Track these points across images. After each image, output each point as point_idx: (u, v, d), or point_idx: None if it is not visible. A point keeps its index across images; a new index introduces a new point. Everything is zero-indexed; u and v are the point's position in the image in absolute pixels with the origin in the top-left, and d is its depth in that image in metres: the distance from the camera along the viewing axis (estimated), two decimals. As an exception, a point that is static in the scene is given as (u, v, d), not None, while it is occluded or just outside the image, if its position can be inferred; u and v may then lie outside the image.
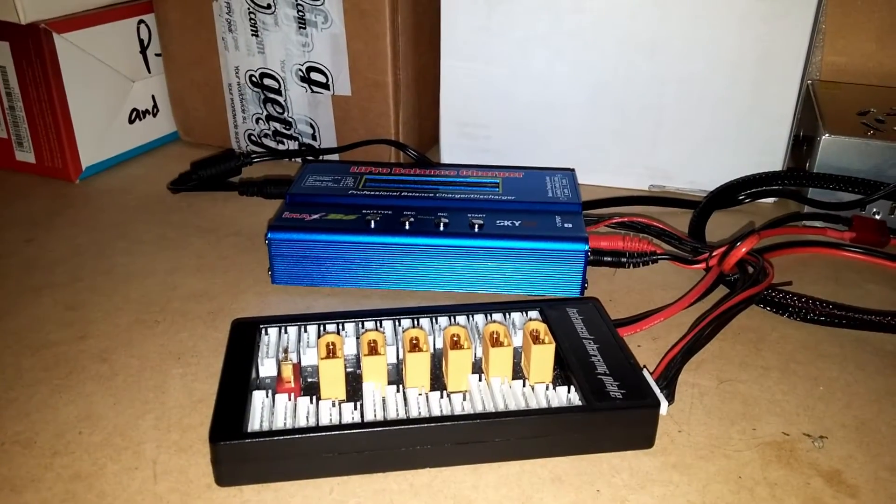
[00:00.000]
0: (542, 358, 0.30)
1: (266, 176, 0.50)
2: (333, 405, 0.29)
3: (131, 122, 0.56)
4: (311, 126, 0.55)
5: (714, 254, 0.40)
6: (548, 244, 0.38)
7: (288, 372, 0.30)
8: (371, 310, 0.35)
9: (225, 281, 0.41)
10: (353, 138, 0.54)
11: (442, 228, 0.39)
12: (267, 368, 0.31)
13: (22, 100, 0.52)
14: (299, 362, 0.32)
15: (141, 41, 0.56)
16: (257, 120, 0.56)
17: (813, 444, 0.30)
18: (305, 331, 0.33)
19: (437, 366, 0.32)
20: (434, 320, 0.34)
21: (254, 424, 0.28)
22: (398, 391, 0.30)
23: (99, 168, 0.55)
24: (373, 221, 0.39)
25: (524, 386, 0.30)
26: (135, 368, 0.34)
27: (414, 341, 0.30)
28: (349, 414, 0.29)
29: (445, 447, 0.28)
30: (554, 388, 0.30)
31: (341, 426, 0.28)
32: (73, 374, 0.33)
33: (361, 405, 0.29)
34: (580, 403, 0.29)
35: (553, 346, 0.31)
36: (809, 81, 0.56)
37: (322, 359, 0.29)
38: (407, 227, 0.39)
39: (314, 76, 0.52)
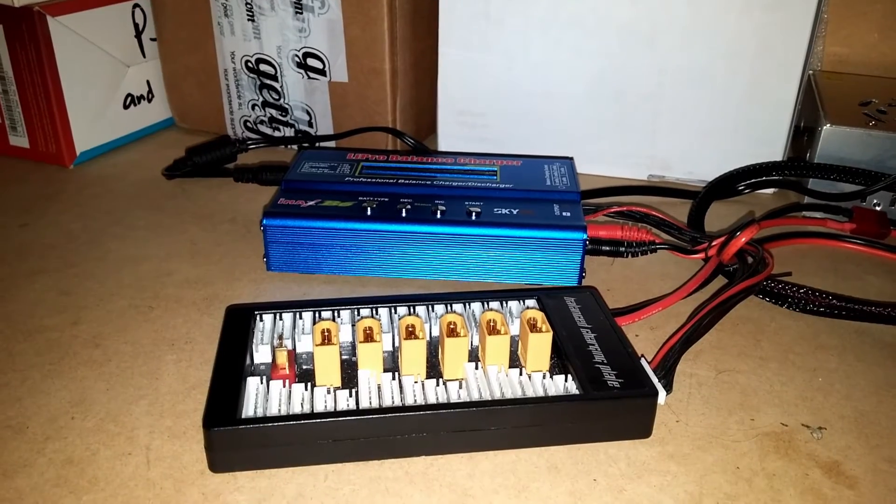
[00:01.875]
0: (540, 346, 0.30)
1: (262, 162, 0.50)
2: (328, 392, 0.29)
3: (126, 107, 0.56)
4: (308, 113, 0.54)
5: (713, 244, 0.40)
6: (546, 233, 0.38)
7: (283, 358, 0.30)
8: (367, 297, 0.35)
9: (220, 267, 0.40)
10: (350, 125, 0.53)
11: (439, 216, 0.38)
12: (261, 355, 0.31)
13: (15, 84, 0.51)
14: (294, 349, 0.31)
15: (136, 25, 0.55)
16: (253, 106, 0.55)
17: (812, 435, 0.30)
18: (300, 317, 0.33)
19: (434, 353, 0.32)
20: (430, 308, 0.34)
21: (248, 411, 0.28)
22: (394, 379, 0.30)
23: (93, 153, 0.54)
24: (369, 208, 0.39)
25: (521, 374, 0.30)
26: (128, 354, 0.33)
27: (410, 329, 0.30)
28: (344, 401, 0.28)
29: (441, 435, 0.28)
30: (551, 377, 0.30)
31: (336, 413, 0.27)
32: (66, 360, 0.33)
33: (357, 392, 0.29)
34: (577, 392, 0.29)
35: (550, 334, 0.30)
36: (811, 72, 0.55)
37: (317, 345, 0.29)
38: (404, 214, 0.38)
39: (311, 62, 0.52)
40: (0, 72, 0.51)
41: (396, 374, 0.30)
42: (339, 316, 0.33)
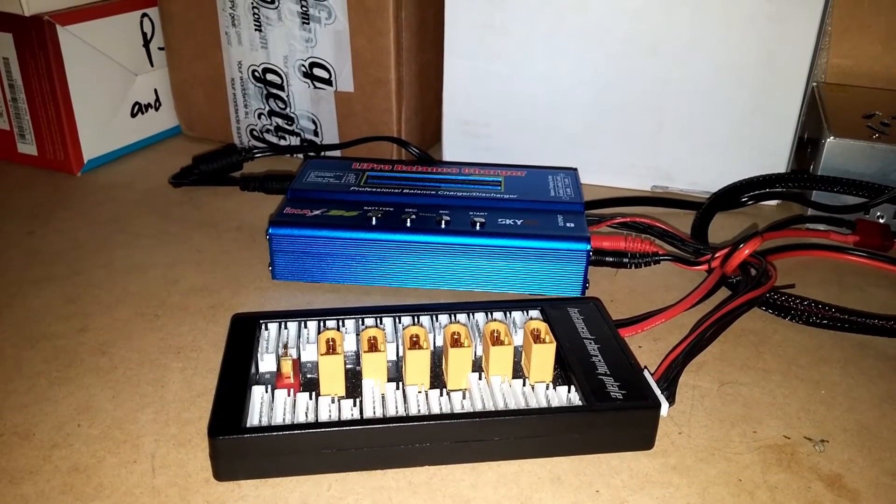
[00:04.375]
0: (543, 357, 0.30)
1: (268, 171, 0.50)
2: (333, 401, 0.29)
3: (133, 115, 0.56)
4: (314, 122, 0.55)
5: (716, 255, 0.40)
6: (550, 243, 0.38)
7: (287, 367, 0.30)
8: (371, 307, 0.35)
9: (225, 276, 0.41)
10: (356, 135, 0.53)
11: (443, 226, 0.39)
12: (266, 364, 0.31)
13: (24, 92, 0.52)
14: (299, 358, 0.32)
15: (144, 34, 0.56)
16: (259, 115, 0.56)
17: (814, 448, 0.30)
18: (305, 327, 0.33)
19: (437, 363, 0.32)
20: (434, 318, 0.34)
21: (253, 420, 0.28)
22: (398, 388, 0.30)
23: (101, 161, 0.55)
24: (374, 218, 0.39)
25: (524, 385, 0.30)
26: (134, 362, 0.34)
27: (414, 338, 0.30)
28: (348, 410, 0.28)
29: (444, 445, 0.28)
30: (554, 388, 0.30)
31: (340, 423, 0.27)
32: (73, 367, 0.33)
33: (361, 402, 0.29)
34: (580, 403, 0.29)
35: (554, 345, 0.30)
36: (815, 84, 0.55)
37: (322, 355, 0.29)
38: (408, 224, 0.39)
39: (317, 72, 0.52)
40: (9, 80, 0.52)
41: (400, 383, 0.30)
42: (343, 325, 0.33)
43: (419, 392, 0.30)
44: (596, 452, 0.29)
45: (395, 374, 0.31)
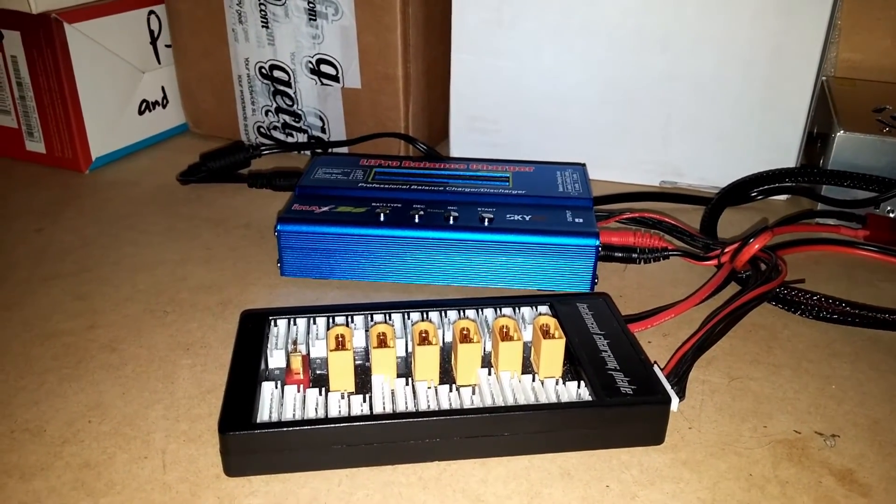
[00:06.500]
0: (552, 352, 0.30)
1: (275, 168, 0.50)
2: (342, 397, 0.29)
3: (141, 113, 0.56)
4: (321, 118, 0.55)
5: (726, 250, 0.39)
6: (558, 239, 0.38)
7: (297, 363, 0.30)
8: (380, 303, 0.35)
9: (234, 272, 0.41)
10: (363, 131, 0.53)
11: (451, 222, 0.39)
12: (276, 360, 0.31)
13: (32, 90, 0.52)
14: (308, 354, 0.32)
15: (151, 32, 0.56)
16: (266, 112, 0.56)
17: (825, 443, 0.30)
18: (314, 323, 0.33)
19: (447, 359, 0.32)
20: (444, 314, 0.34)
21: (263, 415, 0.28)
22: (407, 384, 0.30)
23: (108, 159, 0.55)
24: (382, 214, 0.39)
25: (534, 380, 0.30)
26: (144, 358, 0.34)
27: (423, 334, 0.30)
28: (358, 406, 0.28)
29: (454, 441, 0.28)
30: (564, 383, 0.30)
31: (350, 418, 0.27)
32: (83, 364, 0.33)
33: (370, 398, 0.29)
34: (590, 398, 0.29)
35: (563, 340, 0.30)
36: (824, 78, 0.55)
37: (331, 351, 0.29)
38: (416, 220, 0.39)
39: (324, 68, 0.52)
40: (17, 78, 0.52)
41: (410, 379, 0.30)
42: (352, 321, 0.33)
43: (429, 388, 0.30)
44: (606, 447, 0.29)
45: (405, 369, 0.31)
